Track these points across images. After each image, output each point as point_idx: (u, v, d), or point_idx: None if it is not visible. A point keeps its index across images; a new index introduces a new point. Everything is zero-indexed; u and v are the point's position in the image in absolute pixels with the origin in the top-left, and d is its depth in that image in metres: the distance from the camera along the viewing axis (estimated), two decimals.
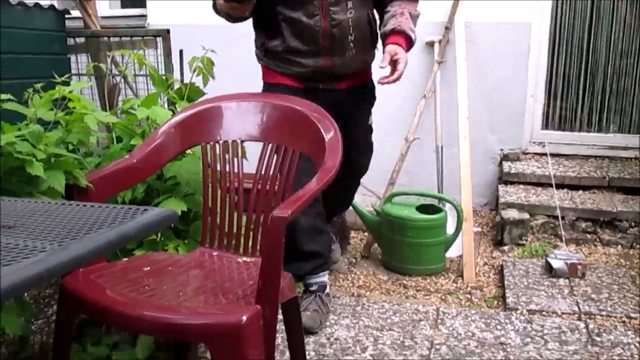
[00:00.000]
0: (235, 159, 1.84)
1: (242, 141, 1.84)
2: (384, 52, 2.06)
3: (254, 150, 1.88)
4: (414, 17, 2.13)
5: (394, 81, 2.02)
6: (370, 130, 2.47)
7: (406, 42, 2.06)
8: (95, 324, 1.96)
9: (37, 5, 2.79)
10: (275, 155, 1.77)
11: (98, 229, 0.83)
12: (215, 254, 1.78)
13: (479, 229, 3.35)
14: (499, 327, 2.26)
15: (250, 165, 1.90)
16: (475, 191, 3.36)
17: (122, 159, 1.76)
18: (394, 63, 2.01)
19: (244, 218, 1.80)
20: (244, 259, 1.74)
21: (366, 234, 3.16)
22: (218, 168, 1.83)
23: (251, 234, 1.77)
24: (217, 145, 1.84)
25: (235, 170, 1.82)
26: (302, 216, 2.11)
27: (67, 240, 0.78)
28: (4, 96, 1.53)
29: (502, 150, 3.69)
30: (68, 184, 1.59)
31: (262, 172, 1.77)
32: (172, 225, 1.94)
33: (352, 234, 3.27)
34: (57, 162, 1.58)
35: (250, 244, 1.77)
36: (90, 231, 0.82)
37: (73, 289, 1.44)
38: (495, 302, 2.55)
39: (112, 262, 1.68)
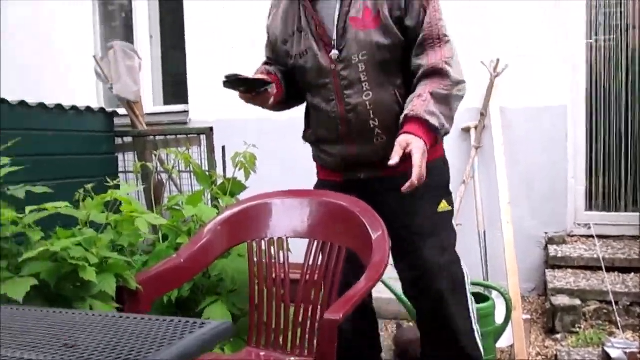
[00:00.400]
0: (281, 253, 1.84)
1: (288, 238, 1.84)
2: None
3: (299, 242, 1.87)
4: (440, 98, 1.73)
5: (418, 181, 1.62)
6: (440, 218, 1.95)
7: (423, 128, 1.69)
8: None
9: (88, 108, 2.95)
10: (322, 252, 1.76)
11: (159, 346, 0.83)
12: (262, 354, 1.76)
13: (529, 316, 3.22)
14: None
15: (295, 258, 1.89)
16: (522, 276, 3.27)
17: (170, 258, 1.78)
18: (408, 157, 1.64)
19: (291, 313, 1.78)
20: (292, 359, 1.71)
21: (411, 324, 3.07)
22: (264, 265, 1.84)
23: (299, 332, 1.75)
24: (262, 242, 1.86)
25: (281, 266, 1.82)
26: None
27: None
28: (60, 203, 1.58)
29: (546, 233, 3.61)
30: (118, 286, 1.61)
31: (309, 269, 1.76)
32: None
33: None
34: (108, 265, 1.61)
35: (297, 342, 1.74)
36: (152, 350, 0.82)
37: None
38: None
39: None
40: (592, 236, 3.51)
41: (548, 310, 3.08)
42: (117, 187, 1.90)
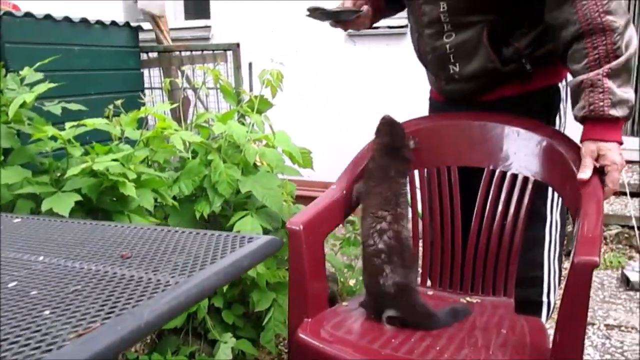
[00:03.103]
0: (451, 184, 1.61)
1: (458, 166, 1.61)
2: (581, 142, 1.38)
3: None
4: (617, 71, 1.28)
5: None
6: None
7: (612, 126, 1.32)
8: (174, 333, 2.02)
9: (113, 22, 2.90)
10: (501, 182, 1.55)
11: (213, 259, 0.86)
12: (430, 293, 1.57)
13: None
14: None
15: None
16: None
17: (330, 191, 1.55)
18: (600, 172, 1.35)
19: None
20: (468, 299, 1.54)
21: None
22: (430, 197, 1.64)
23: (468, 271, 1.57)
24: (425, 171, 1.64)
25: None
26: None
27: (186, 274, 0.81)
28: (98, 120, 1.60)
29: None
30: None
31: (487, 201, 1.55)
32: None
33: None
34: (144, 181, 1.64)
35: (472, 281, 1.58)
36: (206, 262, 0.85)
37: (312, 346, 1.26)
38: None
39: (334, 308, 1.47)
40: None
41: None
42: (141, 102, 1.89)
